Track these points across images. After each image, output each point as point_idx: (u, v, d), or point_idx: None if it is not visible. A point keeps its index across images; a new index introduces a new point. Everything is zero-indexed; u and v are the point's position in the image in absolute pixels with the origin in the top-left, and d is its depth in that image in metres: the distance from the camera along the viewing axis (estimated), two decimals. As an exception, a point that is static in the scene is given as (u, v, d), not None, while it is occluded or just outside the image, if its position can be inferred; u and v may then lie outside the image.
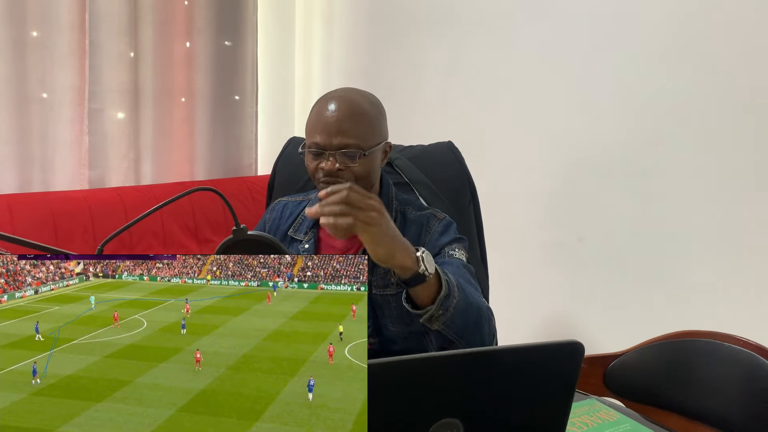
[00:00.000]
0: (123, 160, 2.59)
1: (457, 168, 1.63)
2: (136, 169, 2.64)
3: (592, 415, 1.08)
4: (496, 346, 0.71)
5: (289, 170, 1.67)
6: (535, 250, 2.21)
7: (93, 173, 2.51)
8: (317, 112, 1.27)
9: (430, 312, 1.09)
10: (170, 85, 2.70)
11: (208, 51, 2.77)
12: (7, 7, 2.26)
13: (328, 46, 3.11)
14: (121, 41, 2.50)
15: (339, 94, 1.28)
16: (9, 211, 2.14)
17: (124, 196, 2.41)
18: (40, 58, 2.35)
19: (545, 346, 0.73)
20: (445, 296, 1.10)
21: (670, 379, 1.29)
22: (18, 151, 2.35)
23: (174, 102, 2.72)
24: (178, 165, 2.77)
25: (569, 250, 2.10)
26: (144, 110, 2.63)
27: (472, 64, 2.39)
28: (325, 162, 1.24)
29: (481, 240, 1.67)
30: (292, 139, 1.75)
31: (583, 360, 0.75)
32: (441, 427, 0.68)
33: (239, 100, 2.91)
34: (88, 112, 2.46)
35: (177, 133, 2.75)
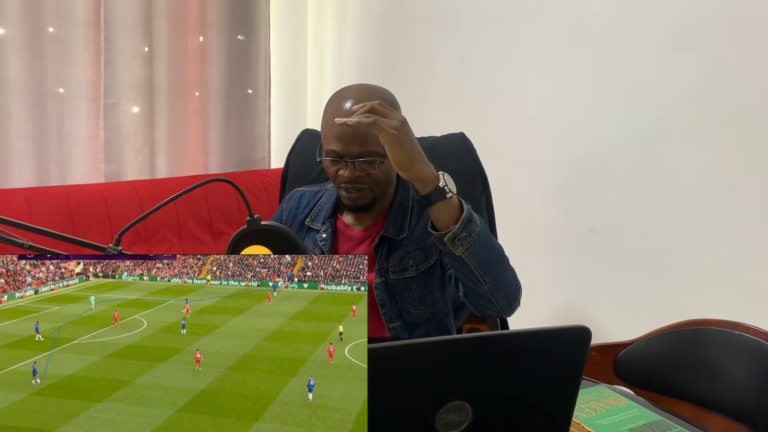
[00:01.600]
0: (138, 154, 2.62)
1: (468, 159, 1.63)
2: (151, 162, 2.68)
3: (601, 401, 1.09)
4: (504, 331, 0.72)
5: (302, 162, 1.68)
6: (545, 241, 2.23)
7: (109, 167, 2.55)
8: (331, 116, 1.25)
9: (453, 231, 1.11)
10: (184, 80, 2.73)
11: (222, 45, 2.80)
12: (24, 4, 2.29)
13: (341, 40, 3.12)
14: (135, 36, 2.53)
15: (353, 95, 1.26)
16: (27, 204, 2.18)
17: (139, 189, 2.45)
18: (56, 54, 2.39)
19: (553, 331, 0.75)
20: (467, 219, 1.12)
21: (681, 367, 1.29)
22: (35, 146, 2.39)
23: (188, 96, 2.75)
24: (192, 158, 2.81)
25: (580, 241, 2.12)
26: (158, 104, 2.66)
27: (483, 59, 2.40)
28: (344, 170, 1.25)
29: (493, 230, 1.68)
30: (305, 131, 1.76)
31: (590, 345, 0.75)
32: (450, 410, 0.69)
33: (252, 93, 2.94)
34: (104, 106, 2.49)
35: (191, 127, 2.78)
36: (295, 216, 1.44)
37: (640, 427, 1.01)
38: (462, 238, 1.11)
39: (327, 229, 1.38)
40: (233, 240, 1.00)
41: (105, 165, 2.53)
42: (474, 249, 1.13)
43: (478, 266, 1.14)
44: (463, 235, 1.11)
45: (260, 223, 1.00)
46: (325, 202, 1.42)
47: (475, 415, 0.70)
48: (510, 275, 1.23)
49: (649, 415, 1.04)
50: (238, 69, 2.86)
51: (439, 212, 1.12)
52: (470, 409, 0.70)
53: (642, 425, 1.02)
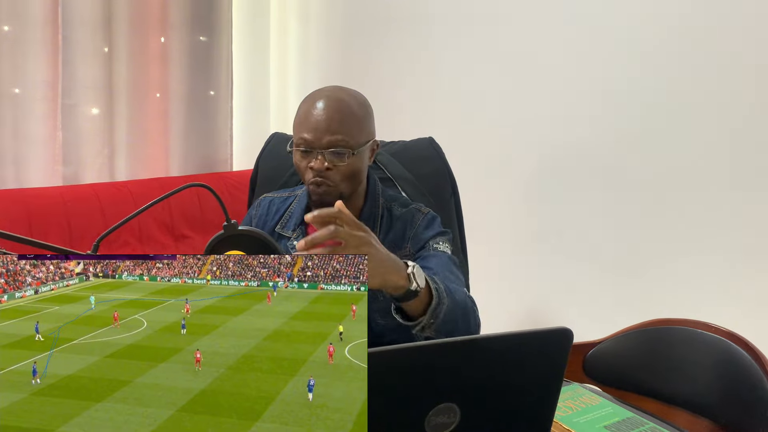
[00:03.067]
0: (97, 156, 2.56)
1: (437, 163, 1.65)
2: (111, 165, 2.62)
3: (576, 400, 1.13)
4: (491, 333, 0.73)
5: (272, 166, 1.68)
6: (514, 244, 2.26)
7: (67, 170, 2.48)
8: (306, 110, 1.28)
9: (422, 323, 1.11)
10: (145, 81, 2.67)
11: (183, 46, 2.74)
12: (-23, 3, 2.23)
13: (305, 43, 3.09)
14: (95, 36, 2.47)
15: (327, 93, 1.29)
16: (-17, 207, 2.11)
17: (99, 192, 2.39)
18: (12, 53, 2.33)
19: (537, 333, 0.77)
20: (436, 305, 1.11)
21: (647, 365, 1.33)
22: (-11, 147, 2.31)
23: (149, 97, 2.70)
24: (153, 161, 2.74)
25: (547, 243, 2.14)
26: (118, 106, 2.60)
27: (450, 63, 2.40)
28: (314, 161, 1.25)
29: (462, 234, 1.70)
30: (274, 134, 1.76)
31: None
32: (439, 412, 0.71)
33: (214, 95, 2.88)
34: (62, 107, 2.43)
35: (152, 128, 2.72)
36: (265, 223, 1.43)
37: (615, 423, 1.06)
38: (430, 325, 1.11)
39: (298, 236, 1.37)
40: (210, 245, 0.99)
41: (63, 167, 2.47)
42: (440, 326, 1.13)
43: (444, 335, 1.14)
44: (431, 323, 1.11)
45: (237, 228, 0.99)
46: (296, 208, 1.41)
47: (463, 416, 0.72)
48: (472, 320, 1.22)
49: (622, 413, 1.09)
50: (200, 70, 2.81)
51: (410, 306, 1.11)
52: (458, 411, 0.72)
53: (616, 422, 1.06)
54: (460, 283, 1.30)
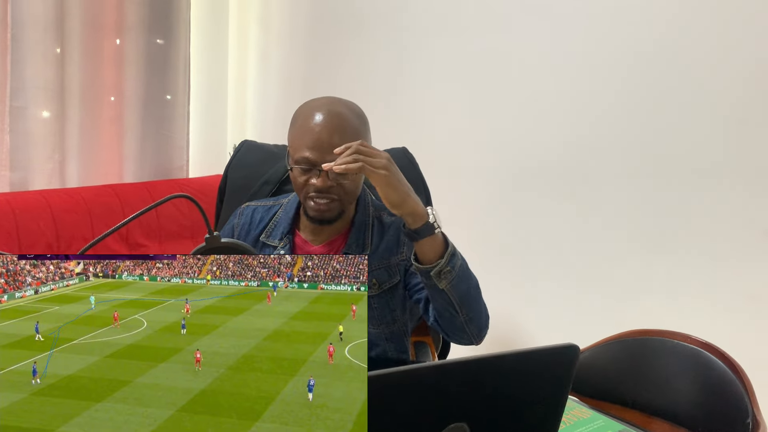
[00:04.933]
0: (48, 161, 2.47)
1: (411, 172, 1.64)
2: (62, 170, 2.53)
3: (567, 413, 1.12)
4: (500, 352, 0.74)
5: (242, 174, 1.67)
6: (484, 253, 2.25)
7: (15, 175, 2.39)
8: (303, 125, 1.26)
9: (440, 265, 1.13)
10: (99, 84, 2.60)
11: (139, 49, 2.68)
12: None
13: (265, 47, 3.06)
14: (46, 36, 2.39)
15: (326, 108, 1.26)
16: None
17: (50, 199, 2.28)
18: None
19: (545, 350, 0.78)
20: (452, 254, 1.14)
21: (626, 376, 1.34)
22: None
23: (102, 101, 2.63)
24: (106, 166, 2.67)
25: (516, 253, 2.16)
26: (71, 109, 2.52)
27: (415, 72, 2.39)
28: (316, 179, 1.24)
29: None
30: (244, 142, 1.74)
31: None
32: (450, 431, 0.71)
33: (171, 99, 2.82)
34: (10, 110, 2.34)
35: (105, 133, 2.65)
36: (249, 232, 1.41)
37: None
38: (446, 272, 1.13)
39: (285, 245, 1.36)
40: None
41: (11, 173, 2.37)
42: (456, 282, 1.15)
43: (458, 298, 1.17)
44: (447, 269, 1.13)
45: (220, 240, 0.98)
46: (282, 217, 1.40)
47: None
48: (483, 306, 1.25)
49: (613, 426, 1.09)
50: (157, 73, 2.74)
51: (425, 246, 1.14)
52: (469, 430, 0.72)
53: None
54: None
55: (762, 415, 1.09)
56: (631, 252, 1.85)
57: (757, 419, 1.08)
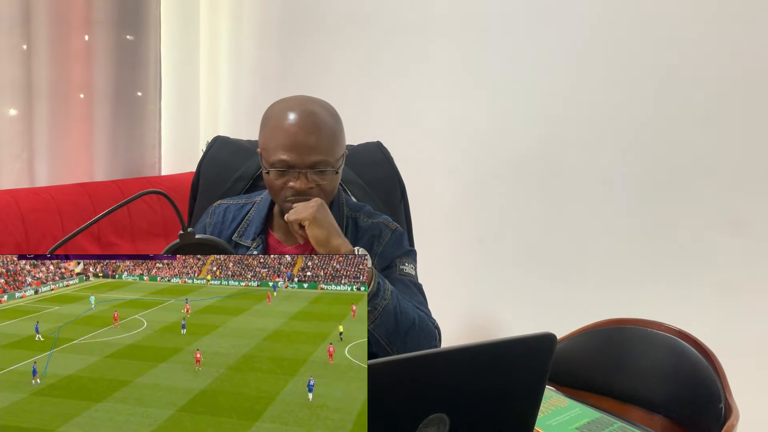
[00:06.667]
0: (15, 160, 2.44)
1: (386, 168, 1.65)
2: (30, 169, 2.49)
3: (545, 402, 1.15)
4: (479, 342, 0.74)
5: (215, 171, 1.66)
6: (459, 248, 2.29)
7: None
8: (277, 126, 1.23)
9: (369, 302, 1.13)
10: (67, 81, 2.54)
11: (109, 45, 2.63)
12: None
13: (237, 42, 3.04)
14: (12, 33, 2.35)
15: (299, 108, 1.24)
16: None
17: (19, 199, 2.25)
18: None
19: (522, 339, 0.79)
20: (374, 293, 1.12)
21: (601, 364, 1.36)
22: None
23: (71, 98, 2.58)
24: (76, 165, 2.62)
25: (492, 246, 2.18)
26: (38, 107, 2.47)
27: (388, 67, 2.40)
28: (294, 181, 1.22)
29: (411, 238, 1.70)
30: (216, 138, 1.73)
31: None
32: (429, 423, 0.71)
33: (142, 96, 2.78)
34: None
35: (75, 131, 2.60)
36: (221, 231, 1.39)
37: (586, 424, 1.08)
38: (369, 311, 1.12)
39: (258, 245, 1.35)
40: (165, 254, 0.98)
41: None
42: (379, 321, 1.14)
43: (384, 336, 1.16)
44: (369, 308, 1.12)
45: (194, 237, 0.98)
46: (254, 216, 1.39)
47: (453, 425, 0.73)
48: (423, 340, 1.22)
49: (590, 413, 1.12)
50: (127, 70, 2.70)
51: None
52: (448, 421, 0.73)
53: (587, 423, 1.09)
54: (422, 307, 1.30)
55: (734, 400, 1.11)
56: (605, 243, 1.89)
57: (729, 404, 1.10)
